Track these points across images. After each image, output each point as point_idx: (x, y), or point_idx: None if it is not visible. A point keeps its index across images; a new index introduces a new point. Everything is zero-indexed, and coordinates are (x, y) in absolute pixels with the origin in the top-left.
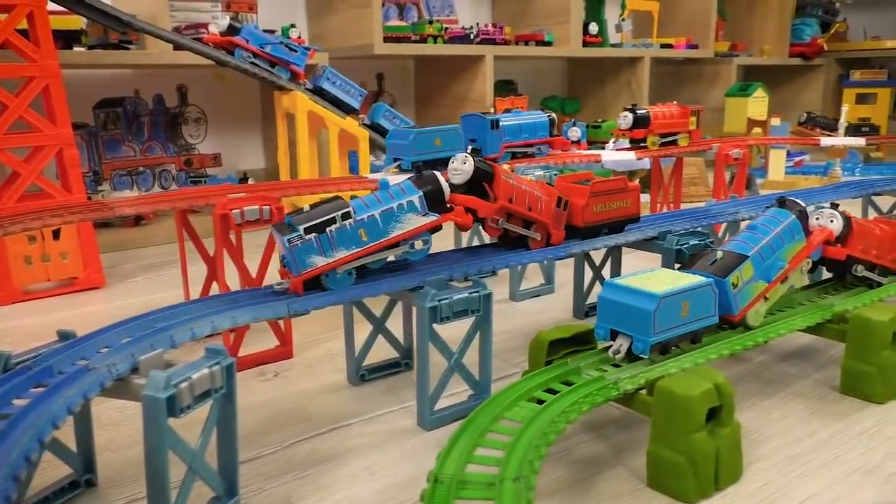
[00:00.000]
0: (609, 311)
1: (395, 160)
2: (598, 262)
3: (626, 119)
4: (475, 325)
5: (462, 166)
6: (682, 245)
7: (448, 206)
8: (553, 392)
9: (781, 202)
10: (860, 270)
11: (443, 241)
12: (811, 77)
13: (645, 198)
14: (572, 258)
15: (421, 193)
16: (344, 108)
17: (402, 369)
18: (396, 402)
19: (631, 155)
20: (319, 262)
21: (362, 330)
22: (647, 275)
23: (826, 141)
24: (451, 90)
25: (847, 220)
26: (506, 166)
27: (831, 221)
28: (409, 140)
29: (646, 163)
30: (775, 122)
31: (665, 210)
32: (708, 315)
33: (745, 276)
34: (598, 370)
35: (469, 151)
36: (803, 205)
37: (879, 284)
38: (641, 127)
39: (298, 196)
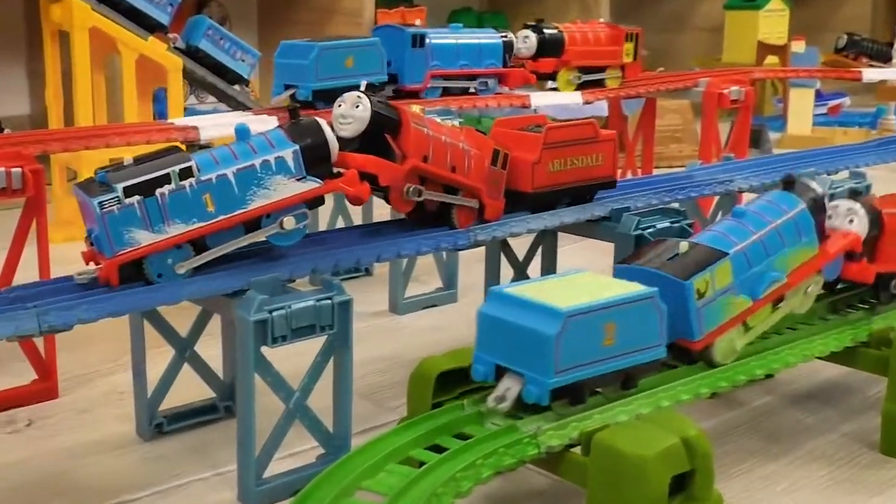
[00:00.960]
0: (493, 336)
1: (288, 87)
2: (523, 254)
3: (527, 41)
4: (327, 348)
5: (353, 111)
6: (645, 229)
7: (334, 169)
8: (440, 450)
9: (788, 182)
10: None
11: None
12: None
13: None
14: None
15: (296, 148)
16: (146, 24)
17: (219, 416)
18: (208, 466)
19: (576, 97)
20: (144, 238)
21: (163, 357)
22: (556, 281)
23: (871, 74)
24: (311, 0)
25: (876, 216)
26: (416, 108)
27: (850, 222)
28: (309, 59)
29: (600, 108)
30: (798, 46)
31: (630, 177)
32: (647, 345)
33: (718, 283)
34: (509, 416)
35: (363, 88)
36: (821, 191)
37: None
38: (550, 55)
39: (67, 153)
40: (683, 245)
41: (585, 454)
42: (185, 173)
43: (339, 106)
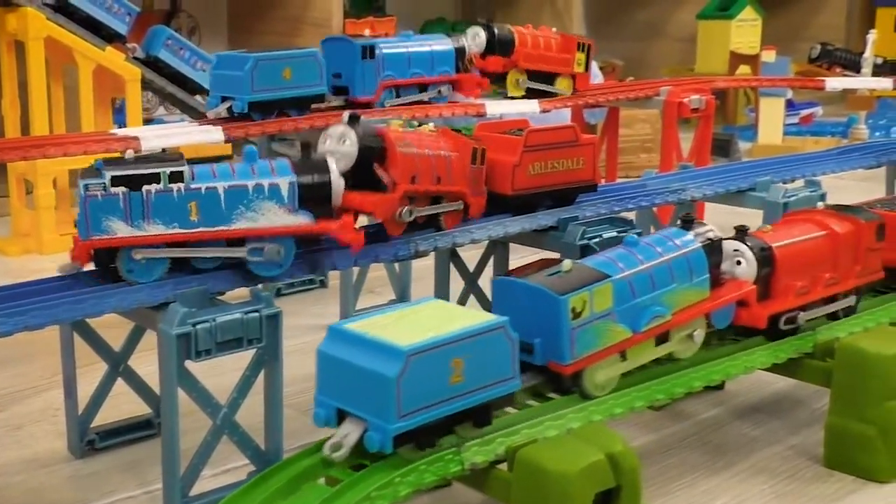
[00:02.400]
0: (333, 377)
1: (224, 99)
2: (474, 265)
3: (476, 39)
4: (256, 362)
5: (340, 148)
6: (591, 238)
7: (333, 208)
8: (359, 466)
9: (686, 221)
10: (802, 320)
11: None
12: None
13: None
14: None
15: (293, 179)
16: (103, 34)
17: (154, 432)
18: (137, 484)
19: (532, 105)
20: (121, 230)
21: (101, 372)
22: (401, 312)
23: (833, 83)
24: (279, 9)
25: (766, 253)
26: (395, 123)
27: (738, 263)
28: (244, 70)
29: (563, 117)
30: (768, 56)
31: None
32: (499, 379)
33: (597, 306)
34: (351, 465)
35: (348, 119)
36: (718, 234)
37: (851, 312)
38: (500, 54)
39: (24, 161)
40: (567, 264)
41: (511, 470)
42: (176, 177)
43: (325, 142)
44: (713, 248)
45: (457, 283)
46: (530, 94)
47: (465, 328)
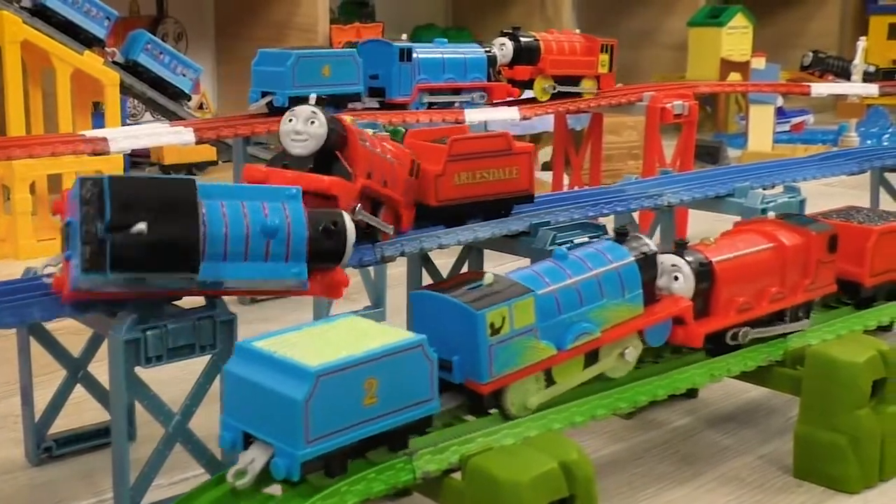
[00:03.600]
0: (239, 398)
1: (265, 94)
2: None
3: (504, 49)
4: (210, 369)
5: (308, 128)
6: (561, 244)
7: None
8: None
9: (621, 234)
10: (745, 336)
11: None
12: (823, 0)
13: (546, 175)
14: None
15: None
16: (82, 38)
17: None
18: (91, 492)
19: (511, 112)
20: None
21: (59, 380)
22: (315, 330)
23: (819, 88)
24: (266, 14)
25: (705, 268)
26: (348, 118)
27: (675, 279)
28: (286, 65)
29: (537, 124)
30: (758, 63)
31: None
32: (417, 401)
33: (517, 321)
34: (258, 491)
35: (314, 102)
36: (654, 247)
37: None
38: (526, 62)
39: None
40: (489, 277)
41: (464, 479)
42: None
43: (291, 121)
44: (647, 263)
45: None
46: (557, 96)
47: (379, 347)
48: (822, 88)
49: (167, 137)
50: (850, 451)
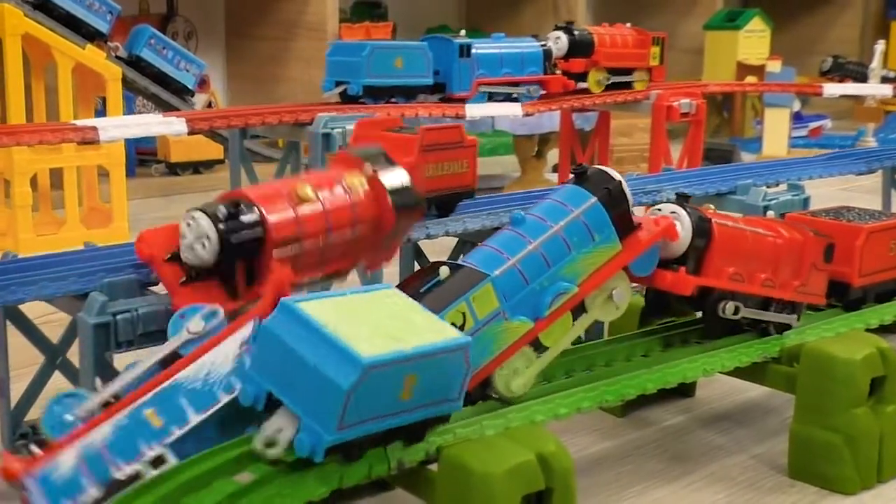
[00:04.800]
0: (272, 358)
1: (339, 84)
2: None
3: (559, 42)
4: None
5: (199, 236)
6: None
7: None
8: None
9: (580, 174)
10: (735, 312)
11: None
12: (843, 5)
13: (555, 177)
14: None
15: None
16: (84, 32)
17: None
18: None
19: (514, 108)
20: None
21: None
22: (360, 300)
23: (831, 89)
24: (275, 13)
25: (704, 224)
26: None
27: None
28: (361, 56)
29: (545, 124)
30: (773, 66)
31: None
32: (443, 399)
33: (479, 312)
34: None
35: (214, 212)
36: (617, 177)
37: (785, 329)
38: (581, 55)
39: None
40: (444, 270)
41: (438, 470)
42: None
43: (189, 225)
44: (613, 196)
45: None
46: (610, 88)
47: (429, 345)
48: (833, 89)
49: (158, 128)
50: (846, 450)
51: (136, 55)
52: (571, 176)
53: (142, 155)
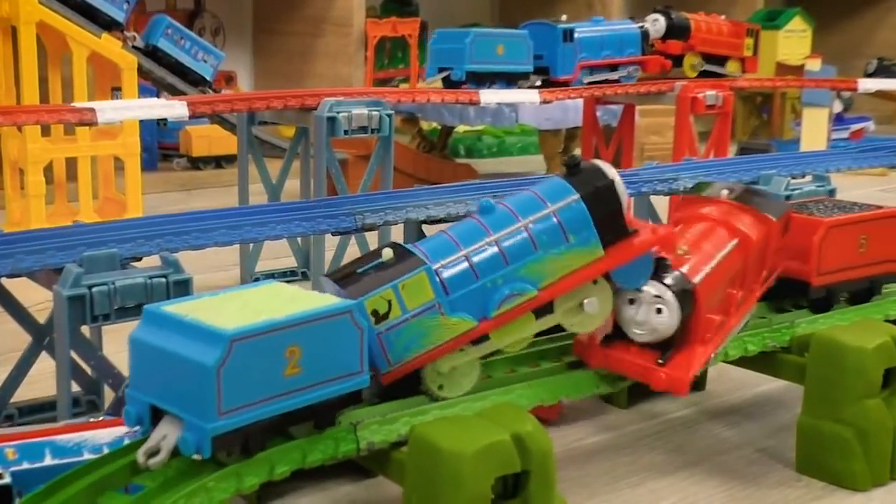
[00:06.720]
0: (147, 368)
1: (441, 70)
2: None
3: (656, 24)
4: None
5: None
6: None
7: None
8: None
9: (571, 165)
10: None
11: None
12: (889, 7)
13: None
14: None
15: None
16: (100, 21)
17: (81, 410)
18: None
19: (531, 95)
20: None
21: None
22: (234, 295)
23: (866, 84)
24: (302, 9)
25: (686, 295)
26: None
27: (658, 312)
28: (464, 42)
29: (571, 119)
30: (813, 64)
31: None
32: (344, 373)
33: (410, 301)
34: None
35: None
36: (611, 175)
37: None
38: (678, 38)
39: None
40: (387, 252)
41: (407, 450)
42: None
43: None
44: (600, 196)
45: None
46: (703, 75)
47: (302, 311)
48: (868, 84)
49: (159, 110)
50: (856, 444)
51: (153, 45)
52: (562, 168)
53: (164, 149)
